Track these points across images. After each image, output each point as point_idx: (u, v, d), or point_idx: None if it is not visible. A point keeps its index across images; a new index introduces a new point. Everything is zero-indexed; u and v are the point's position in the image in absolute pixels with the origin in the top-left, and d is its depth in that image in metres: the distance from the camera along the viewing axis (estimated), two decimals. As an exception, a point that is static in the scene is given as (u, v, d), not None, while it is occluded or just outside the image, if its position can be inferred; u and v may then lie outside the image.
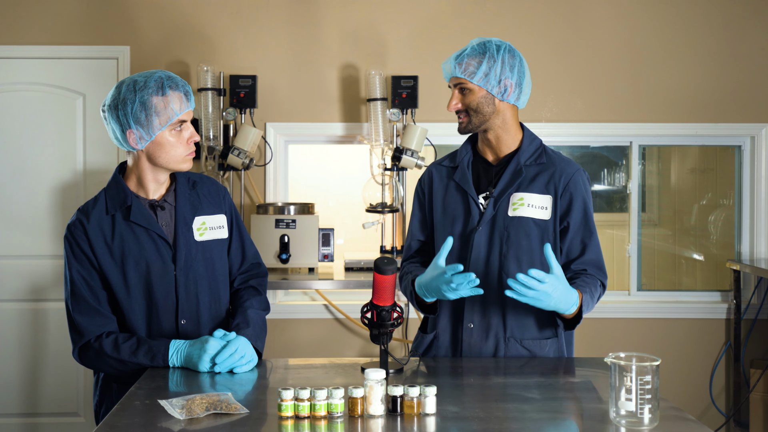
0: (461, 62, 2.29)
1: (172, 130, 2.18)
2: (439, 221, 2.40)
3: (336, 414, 1.73)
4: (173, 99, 2.16)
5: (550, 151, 2.39)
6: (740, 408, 4.13)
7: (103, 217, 2.24)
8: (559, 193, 2.31)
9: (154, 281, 2.22)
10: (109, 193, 2.27)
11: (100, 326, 2.19)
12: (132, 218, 2.22)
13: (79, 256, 2.22)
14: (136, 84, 2.16)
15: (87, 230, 2.22)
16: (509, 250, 2.29)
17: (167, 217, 2.27)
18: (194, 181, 2.35)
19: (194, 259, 2.27)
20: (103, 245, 2.21)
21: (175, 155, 2.21)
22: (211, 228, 2.32)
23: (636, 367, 1.67)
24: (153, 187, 2.26)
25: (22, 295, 4.14)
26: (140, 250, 2.22)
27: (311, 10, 4.14)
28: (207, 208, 2.33)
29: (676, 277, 4.65)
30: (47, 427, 4.14)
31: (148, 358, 2.14)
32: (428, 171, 2.50)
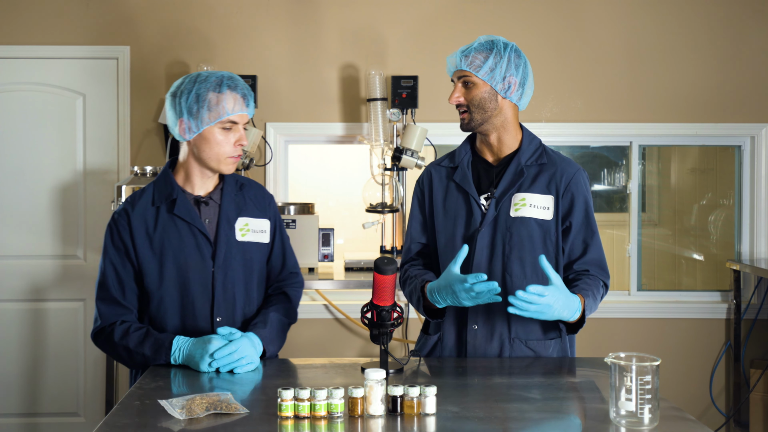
0: (468, 55, 2.29)
1: (221, 128, 2.20)
2: (440, 223, 2.39)
3: (336, 414, 1.73)
4: (227, 98, 2.19)
5: (550, 150, 2.39)
6: (740, 408, 4.13)
7: (148, 207, 2.26)
8: (561, 193, 2.31)
9: (191, 276, 2.23)
10: (157, 185, 2.29)
11: (118, 315, 2.23)
12: (176, 211, 2.24)
13: (117, 244, 2.25)
14: (198, 77, 2.21)
15: (131, 219, 2.25)
16: (512, 250, 2.29)
17: (211, 214, 2.29)
18: (242, 183, 2.37)
19: (233, 258, 2.27)
20: (144, 235, 2.24)
21: (219, 153, 2.22)
22: (254, 231, 2.33)
23: (636, 367, 1.67)
24: (200, 182, 2.28)
25: (22, 295, 4.13)
26: (180, 243, 2.23)
27: (311, 10, 4.14)
28: (252, 211, 2.34)
29: (676, 277, 4.65)
30: (47, 427, 4.14)
31: (152, 350, 2.15)
32: (427, 172, 2.48)
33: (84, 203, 4.13)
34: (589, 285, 2.24)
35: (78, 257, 4.14)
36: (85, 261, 4.14)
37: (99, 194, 4.11)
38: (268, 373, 2.12)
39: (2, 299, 4.13)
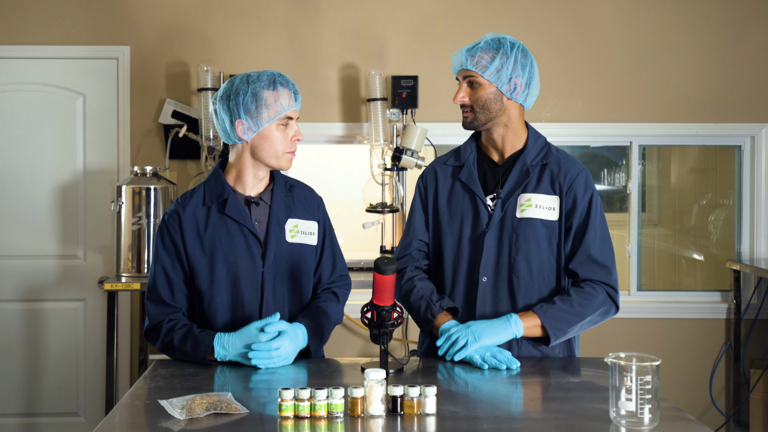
0: (474, 55, 2.26)
1: (279, 125, 2.23)
2: (445, 222, 2.37)
3: (336, 414, 1.73)
4: (283, 95, 2.21)
5: (554, 149, 2.37)
6: (740, 408, 4.13)
7: (199, 207, 2.27)
8: (564, 193, 2.30)
9: (242, 276, 2.24)
10: (208, 185, 2.30)
11: (165, 314, 2.25)
12: (227, 211, 2.25)
13: (168, 245, 2.27)
14: (249, 78, 2.22)
15: (182, 220, 2.26)
16: (518, 251, 2.28)
17: (261, 215, 2.30)
18: (291, 185, 2.39)
19: (283, 259, 2.28)
20: (195, 235, 2.26)
21: (278, 150, 2.24)
22: (303, 232, 2.34)
23: (636, 367, 1.67)
24: (251, 183, 2.29)
25: (22, 295, 4.13)
26: (231, 243, 2.25)
27: (311, 10, 4.14)
28: (301, 213, 2.35)
29: (676, 277, 4.65)
30: (47, 427, 4.14)
31: (192, 347, 2.17)
32: (431, 169, 2.45)
33: (84, 203, 4.13)
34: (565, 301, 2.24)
35: (78, 257, 4.14)
36: (85, 261, 4.14)
37: (99, 194, 4.11)
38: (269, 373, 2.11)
39: (2, 299, 4.13)
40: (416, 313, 2.34)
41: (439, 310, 2.28)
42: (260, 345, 2.11)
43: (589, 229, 2.29)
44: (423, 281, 2.37)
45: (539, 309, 2.23)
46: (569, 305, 2.23)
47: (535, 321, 2.22)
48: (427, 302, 2.30)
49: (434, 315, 2.28)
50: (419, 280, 2.37)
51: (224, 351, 2.15)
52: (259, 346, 2.11)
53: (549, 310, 2.22)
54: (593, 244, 2.29)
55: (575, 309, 2.24)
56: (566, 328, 2.24)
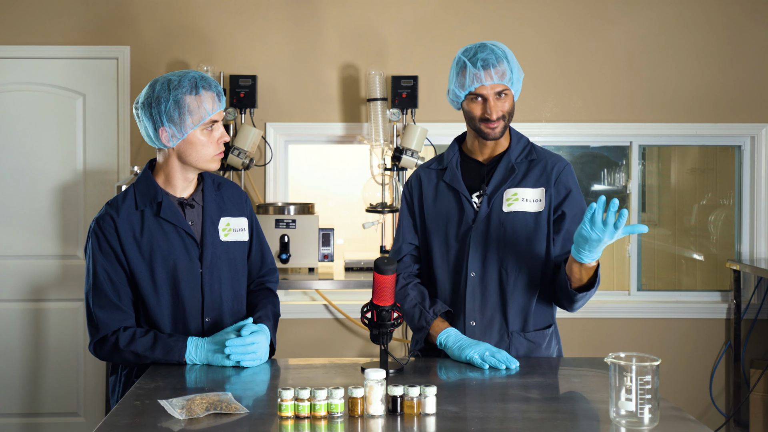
0: (497, 68, 2.25)
1: (203, 130, 2.21)
2: (432, 223, 2.40)
3: (336, 414, 1.73)
4: (206, 99, 2.19)
5: (537, 147, 2.43)
6: (740, 408, 4.13)
7: (133, 212, 2.25)
8: (552, 185, 2.34)
9: (181, 278, 2.24)
10: (139, 188, 2.28)
11: (119, 321, 2.21)
12: (162, 214, 2.24)
13: (105, 250, 2.23)
14: (170, 83, 2.18)
15: (117, 224, 2.23)
16: (507, 245, 2.31)
17: (194, 216, 2.30)
18: (219, 182, 2.39)
19: (219, 259, 2.30)
20: (132, 240, 2.23)
21: (205, 154, 2.23)
22: (235, 230, 2.35)
23: (636, 367, 1.67)
24: (181, 185, 2.29)
25: (22, 295, 4.13)
26: (168, 246, 2.24)
27: (311, 10, 4.14)
28: (231, 210, 2.36)
29: (676, 277, 4.65)
30: (47, 427, 4.14)
31: (164, 353, 2.17)
32: (415, 175, 2.50)
33: (84, 203, 4.13)
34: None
35: (78, 257, 4.14)
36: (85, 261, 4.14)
37: (99, 194, 4.11)
38: (268, 373, 2.12)
39: (2, 299, 4.13)
40: (411, 321, 2.38)
41: (433, 317, 2.32)
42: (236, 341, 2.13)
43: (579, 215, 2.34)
44: (415, 288, 2.40)
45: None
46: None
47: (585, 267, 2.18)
48: (420, 310, 2.34)
49: (428, 322, 2.32)
50: (412, 288, 2.40)
51: (195, 353, 2.17)
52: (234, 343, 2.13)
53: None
54: None
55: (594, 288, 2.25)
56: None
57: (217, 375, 2.09)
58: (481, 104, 2.29)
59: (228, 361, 2.15)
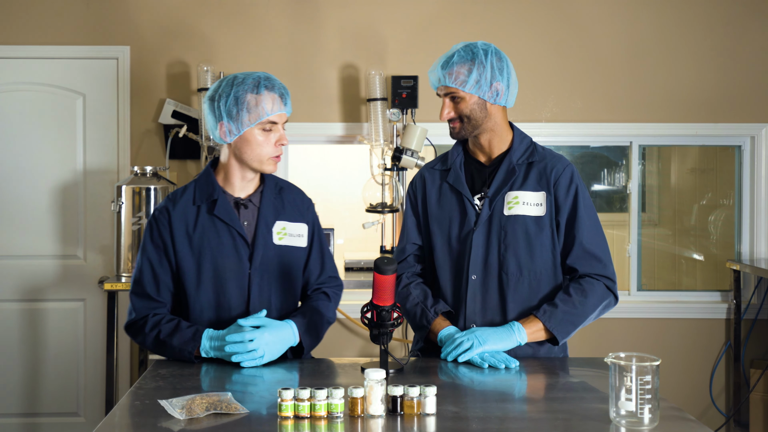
0: (450, 71, 2.27)
1: (261, 129, 2.22)
2: (434, 224, 2.40)
3: (336, 414, 1.73)
4: (266, 99, 2.21)
5: (540, 148, 2.40)
6: (740, 408, 4.13)
7: (189, 206, 2.28)
8: (552, 189, 2.32)
9: (228, 277, 2.25)
10: (199, 184, 2.31)
11: (150, 309, 2.27)
12: (215, 212, 2.26)
13: (156, 241, 2.27)
14: (235, 79, 2.22)
15: (171, 217, 2.27)
16: (507, 248, 2.31)
17: (249, 217, 2.30)
18: (281, 187, 2.38)
19: (270, 261, 2.29)
20: (184, 234, 2.26)
21: (261, 154, 2.24)
22: (291, 234, 2.34)
23: (636, 367, 1.67)
24: (239, 184, 2.30)
25: (22, 295, 4.13)
26: (218, 244, 2.25)
27: (311, 10, 4.14)
28: (290, 215, 2.35)
29: (676, 277, 4.65)
30: (47, 427, 4.14)
31: (180, 342, 2.17)
32: (420, 175, 2.50)
33: (84, 203, 4.13)
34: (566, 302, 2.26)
35: (78, 257, 4.14)
36: (85, 261, 4.14)
37: (99, 194, 4.11)
38: (268, 372, 2.11)
39: (2, 299, 4.12)
40: (413, 320, 2.38)
41: (434, 315, 2.32)
42: (234, 336, 2.12)
43: (579, 223, 2.31)
44: (417, 287, 2.40)
45: (542, 314, 2.25)
46: (571, 306, 2.26)
47: (538, 325, 2.25)
48: (422, 309, 2.34)
49: (429, 321, 2.32)
50: (414, 287, 2.40)
51: (210, 346, 2.16)
52: (233, 338, 2.12)
53: (552, 315, 2.24)
54: (585, 236, 2.31)
55: (577, 309, 2.26)
56: (571, 329, 2.27)
57: (217, 375, 2.09)
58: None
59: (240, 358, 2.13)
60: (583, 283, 2.29)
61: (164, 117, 4.04)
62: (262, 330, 2.15)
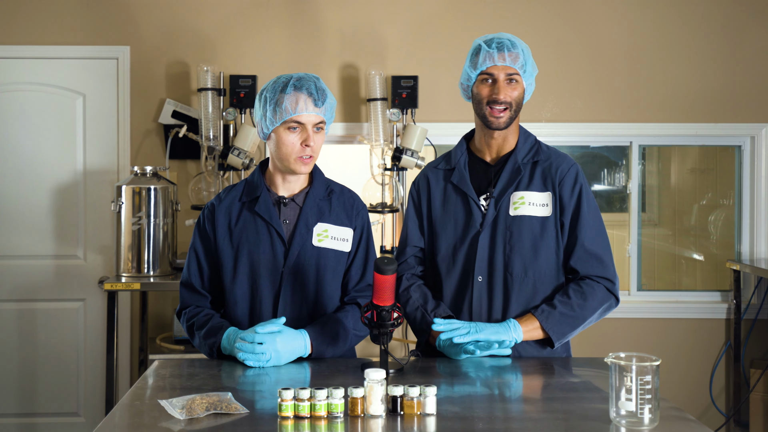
0: (512, 53, 2.27)
1: (286, 129, 2.23)
2: (440, 226, 2.38)
3: (336, 414, 1.73)
4: (290, 98, 2.21)
5: (544, 146, 2.39)
6: (740, 408, 4.13)
7: (235, 202, 2.34)
8: (557, 189, 2.31)
9: (262, 272, 2.27)
10: (249, 181, 2.36)
11: (192, 299, 2.34)
12: (256, 208, 2.29)
13: (203, 233, 2.35)
14: (278, 79, 2.26)
15: (216, 211, 2.34)
16: (513, 249, 2.29)
17: (290, 215, 2.31)
18: (332, 189, 2.38)
19: (306, 262, 2.28)
20: (225, 228, 2.31)
21: (286, 154, 2.24)
22: (333, 237, 2.32)
23: (636, 367, 1.67)
24: (280, 183, 2.32)
25: (22, 295, 4.13)
26: (256, 240, 2.28)
27: (311, 11, 4.14)
28: (335, 218, 2.33)
29: (676, 277, 4.65)
30: (47, 427, 4.14)
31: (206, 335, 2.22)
32: (423, 174, 2.47)
33: (84, 203, 4.13)
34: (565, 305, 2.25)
35: (78, 257, 4.14)
36: (85, 261, 4.14)
37: (99, 194, 4.11)
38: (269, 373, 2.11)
39: (2, 299, 4.12)
40: (413, 323, 2.37)
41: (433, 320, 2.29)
42: (245, 335, 2.14)
43: (582, 223, 2.30)
44: (417, 290, 2.39)
45: (539, 313, 2.24)
46: (570, 308, 2.25)
47: (534, 324, 2.25)
48: (422, 313, 2.33)
49: (429, 325, 2.30)
50: (414, 290, 2.39)
51: (228, 343, 2.19)
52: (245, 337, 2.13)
53: (549, 315, 2.24)
54: (587, 237, 2.30)
55: (575, 311, 2.25)
56: (568, 331, 2.26)
57: (217, 375, 2.09)
58: (490, 86, 2.28)
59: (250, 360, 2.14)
60: (583, 285, 2.28)
61: (164, 117, 4.04)
62: (274, 336, 2.14)
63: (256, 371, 2.12)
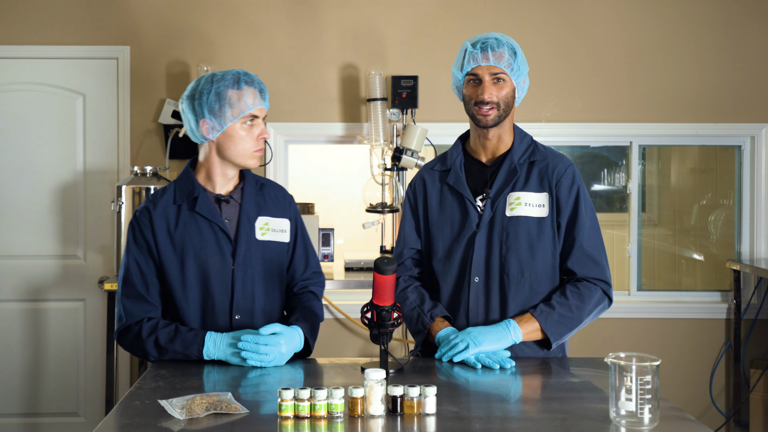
0: (496, 53, 2.26)
1: (243, 124, 2.24)
2: (436, 226, 2.39)
3: (336, 414, 1.73)
4: (247, 93, 2.22)
5: (541, 146, 2.39)
6: (740, 408, 4.13)
7: (170, 206, 2.29)
8: (554, 190, 2.31)
9: (212, 274, 2.25)
10: (179, 184, 2.32)
11: (144, 312, 2.25)
12: (197, 209, 2.26)
13: (140, 241, 2.27)
14: (214, 77, 2.24)
15: (152, 217, 2.27)
16: (509, 250, 2.29)
17: (231, 213, 2.31)
18: (262, 183, 2.39)
19: (253, 257, 2.29)
20: (165, 233, 2.26)
21: (244, 149, 2.25)
22: (273, 230, 2.35)
23: (636, 367, 1.67)
24: (220, 181, 2.30)
25: (22, 295, 4.13)
26: (201, 241, 2.26)
27: (311, 10, 4.14)
28: (272, 211, 2.36)
29: (676, 277, 4.65)
30: (47, 427, 4.14)
31: (183, 347, 2.18)
32: (419, 176, 2.48)
33: (84, 203, 4.13)
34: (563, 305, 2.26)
35: (78, 257, 4.14)
36: (85, 261, 4.14)
37: (99, 194, 4.11)
38: (269, 373, 2.12)
39: (2, 299, 4.13)
40: (410, 324, 2.37)
41: (430, 320, 2.31)
42: (249, 337, 2.13)
43: (580, 225, 2.30)
44: (414, 291, 2.39)
45: (538, 314, 2.25)
46: (568, 309, 2.25)
47: (534, 325, 2.25)
48: (418, 313, 2.33)
49: (425, 326, 2.31)
50: (411, 291, 2.39)
51: (213, 349, 2.16)
52: (248, 338, 2.13)
53: (549, 315, 2.24)
54: (585, 239, 2.31)
55: (573, 313, 2.26)
56: (565, 332, 2.27)
57: (218, 375, 2.09)
58: (476, 87, 2.29)
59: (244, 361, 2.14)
60: (580, 287, 2.29)
61: (164, 117, 4.04)
62: (278, 337, 2.15)
63: (257, 371, 2.12)
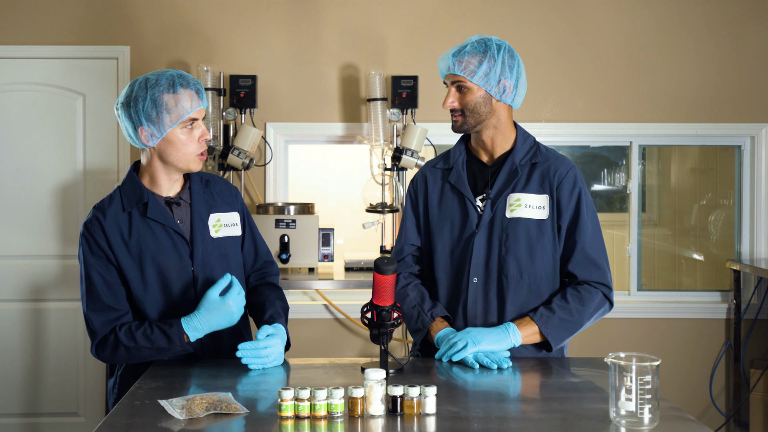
0: (461, 60, 2.26)
1: (183, 128, 2.19)
2: (435, 225, 2.38)
3: (336, 414, 1.73)
4: (184, 97, 2.17)
5: (543, 148, 2.38)
6: (740, 408, 4.13)
7: (120, 214, 2.24)
8: (554, 192, 2.30)
9: (172, 277, 2.23)
10: (125, 190, 2.27)
11: (114, 320, 2.19)
12: (149, 214, 2.22)
13: (96, 252, 2.21)
14: (147, 82, 2.17)
15: (104, 227, 2.21)
16: (508, 251, 2.29)
17: (183, 214, 2.29)
18: (207, 179, 2.38)
19: (211, 255, 2.29)
20: (120, 242, 2.22)
21: (186, 153, 2.21)
22: (226, 225, 2.34)
23: (636, 367, 1.67)
24: (167, 185, 2.27)
25: (23, 295, 4.13)
26: (157, 246, 2.22)
27: (311, 10, 4.14)
28: (221, 206, 2.35)
29: (676, 277, 4.65)
30: (47, 427, 4.14)
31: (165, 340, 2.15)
32: (421, 174, 2.47)
33: (84, 203, 4.13)
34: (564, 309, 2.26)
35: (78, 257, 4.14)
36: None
37: (99, 194, 4.11)
38: (269, 373, 2.12)
39: (2, 299, 4.13)
40: (409, 323, 2.37)
41: (431, 319, 2.30)
42: (247, 344, 2.13)
43: (582, 228, 2.30)
44: (415, 289, 2.39)
45: (539, 318, 2.24)
46: (568, 314, 2.25)
47: (533, 329, 2.24)
48: (418, 312, 2.33)
49: (425, 325, 2.30)
50: (412, 289, 2.39)
51: (197, 331, 2.16)
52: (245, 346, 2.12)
53: (549, 319, 2.24)
54: (587, 242, 2.30)
55: (574, 317, 2.26)
56: (565, 336, 2.27)
57: (217, 375, 2.09)
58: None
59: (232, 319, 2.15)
60: (581, 291, 2.28)
61: (164, 117, 4.04)
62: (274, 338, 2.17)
63: (257, 371, 2.12)
